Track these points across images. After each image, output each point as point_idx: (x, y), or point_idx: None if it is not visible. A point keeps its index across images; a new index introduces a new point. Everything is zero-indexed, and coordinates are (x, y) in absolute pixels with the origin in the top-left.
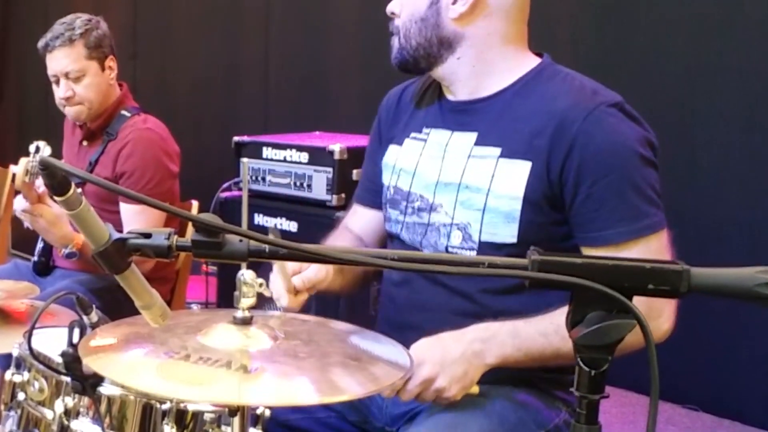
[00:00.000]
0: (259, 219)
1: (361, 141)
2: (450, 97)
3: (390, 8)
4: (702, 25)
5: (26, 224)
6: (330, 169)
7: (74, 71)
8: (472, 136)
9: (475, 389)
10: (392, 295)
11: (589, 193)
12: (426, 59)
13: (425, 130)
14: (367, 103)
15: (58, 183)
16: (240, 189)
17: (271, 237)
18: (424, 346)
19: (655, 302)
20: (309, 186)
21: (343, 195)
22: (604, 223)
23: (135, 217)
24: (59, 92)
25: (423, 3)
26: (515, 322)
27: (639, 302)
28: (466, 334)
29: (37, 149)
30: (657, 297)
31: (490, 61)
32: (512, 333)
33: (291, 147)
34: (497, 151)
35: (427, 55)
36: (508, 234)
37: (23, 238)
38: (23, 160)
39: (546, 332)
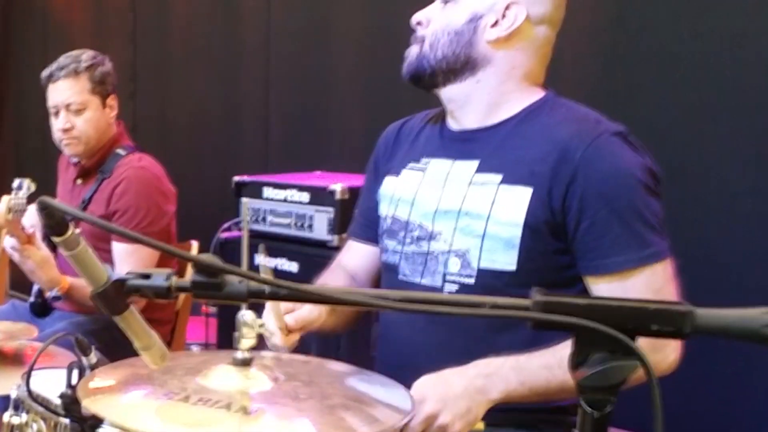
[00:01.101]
0: (260, 259)
1: (362, 181)
2: (452, 125)
3: (417, 17)
4: (710, 61)
5: (16, 260)
6: (331, 209)
7: (76, 103)
8: (474, 164)
9: (480, 425)
10: (391, 334)
11: (593, 221)
12: (445, 74)
13: (424, 160)
14: (368, 143)
15: (56, 223)
16: (240, 229)
17: (271, 277)
18: (426, 383)
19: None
20: (310, 226)
21: (344, 235)
22: (608, 251)
23: (127, 257)
24: (58, 124)
25: (462, 16)
26: (518, 357)
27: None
28: (469, 369)
29: (20, 186)
30: (661, 338)
31: (505, 92)
32: (515, 368)
33: (292, 187)
34: (498, 177)
35: (448, 69)
36: (508, 261)
37: (21, 279)
38: (5, 198)
39: (550, 366)
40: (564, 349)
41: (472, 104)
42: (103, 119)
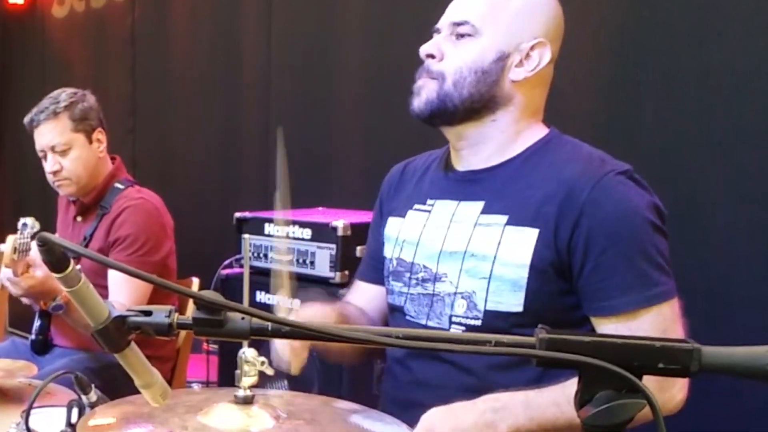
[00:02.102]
0: (261, 296)
1: (364, 217)
2: (457, 166)
3: (428, 50)
4: (715, 98)
5: (12, 291)
6: (333, 246)
7: (60, 144)
8: (479, 205)
9: None
10: (396, 372)
11: (599, 261)
12: (466, 112)
13: (429, 202)
14: (370, 179)
15: (56, 259)
16: (241, 266)
17: (273, 315)
18: (435, 416)
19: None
20: (312, 263)
21: (346, 272)
22: (613, 291)
23: (122, 284)
24: (47, 167)
25: (489, 55)
26: (527, 392)
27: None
28: (478, 403)
29: (24, 226)
30: (667, 376)
31: (518, 130)
32: (524, 403)
33: (293, 223)
34: (504, 218)
35: (471, 108)
36: (515, 302)
37: (21, 316)
38: (11, 238)
39: (558, 402)
40: (573, 386)
41: (485, 143)
42: (91, 156)
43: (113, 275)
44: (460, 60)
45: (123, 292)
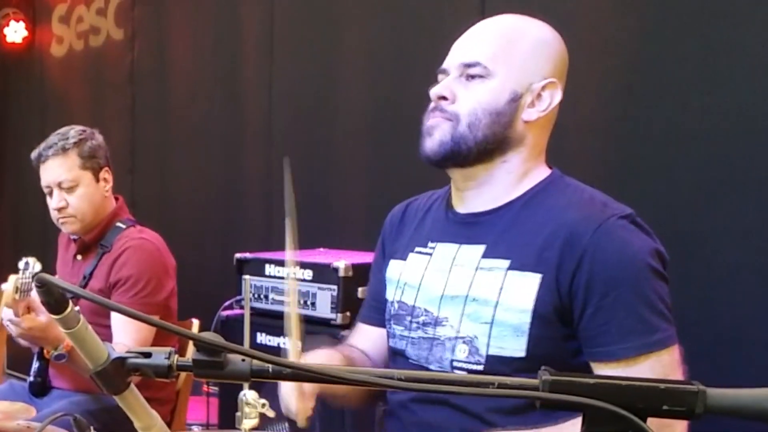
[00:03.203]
0: (262, 338)
1: (366, 258)
2: (458, 208)
3: (440, 92)
4: (717, 137)
5: (14, 334)
6: (335, 287)
7: (67, 181)
8: (480, 248)
9: None
10: (398, 415)
11: (599, 306)
12: (479, 154)
13: (431, 245)
14: (372, 219)
15: (55, 301)
16: (242, 307)
17: (274, 357)
18: None
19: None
20: (313, 304)
21: (348, 313)
22: (613, 337)
23: (126, 326)
24: (52, 203)
25: (503, 96)
26: None
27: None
28: None
29: (27, 265)
30: (672, 418)
31: (525, 171)
32: None
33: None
34: (506, 263)
35: (485, 150)
36: (517, 348)
37: (19, 358)
38: (12, 278)
39: None
40: (572, 427)
41: (491, 184)
42: (97, 194)
43: (116, 317)
44: (474, 101)
45: (127, 334)
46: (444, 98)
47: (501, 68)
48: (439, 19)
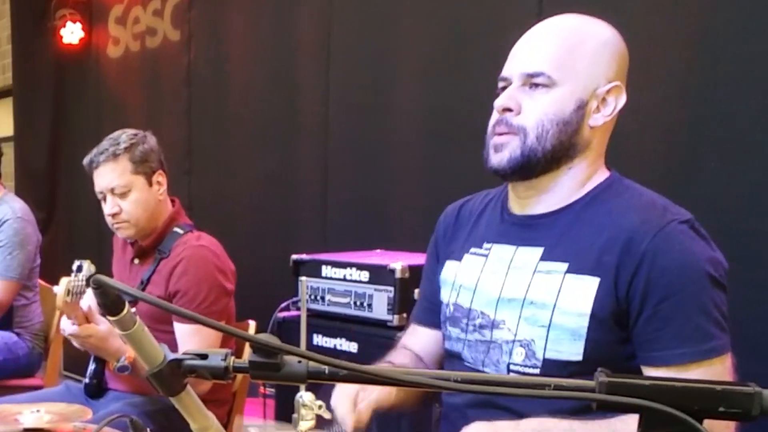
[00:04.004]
0: (318, 339)
1: (422, 259)
2: (516, 210)
3: (505, 104)
4: None
5: (76, 344)
6: (391, 289)
7: (120, 186)
8: (538, 251)
9: None
10: (453, 419)
11: (655, 311)
12: (547, 164)
13: (486, 246)
14: (428, 221)
15: (111, 302)
16: (298, 308)
17: (330, 358)
18: (477, 428)
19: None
20: (369, 305)
21: (404, 315)
22: (667, 343)
23: (190, 338)
24: (106, 209)
25: (569, 105)
26: (571, 422)
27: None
28: (521, 424)
29: (79, 268)
30: (728, 420)
31: (588, 175)
32: (568, 431)
33: (351, 265)
34: (564, 266)
35: (553, 159)
36: (574, 351)
37: (75, 360)
38: (64, 280)
39: None
40: (618, 424)
41: (554, 191)
42: (151, 198)
43: (179, 329)
44: (540, 112)
45: (192, 346)
46: (509, 110)
47: (566, 76)
48: (495, 19)
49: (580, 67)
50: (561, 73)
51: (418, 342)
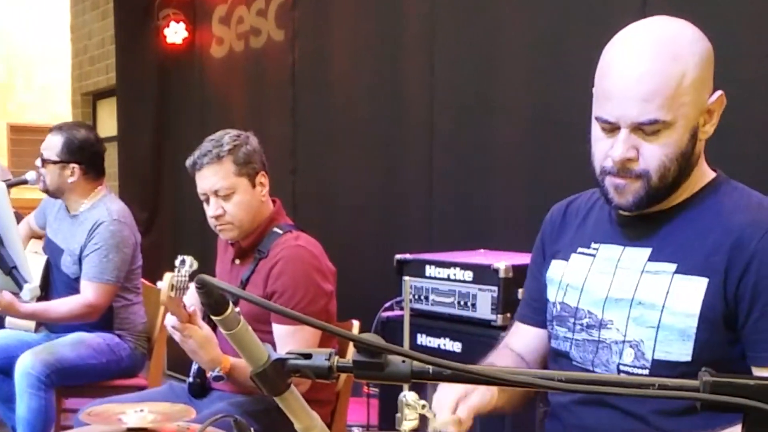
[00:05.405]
0: (422, 339)
1: (526, 259)
2: (623, 211)
3: (625, 155)
4: None
5: (176, 339)
6: (495, 288)
7: (223, 189)
8: (646, 251)
9: None
10: (561, 417)
11: (764, 311)
12: (671, 191)
13: (594, 245)
14: (532, 220)
15: (215, 302)
16: (402, 308)
17: (434, 358)
18: None
19: None
20: (473, 305)
21: (508, 315)
22: None
23: (289, 338)
24: (209, 210)
25: (684, 138)
26: None
27: None
28: None
29: (182, 263)
30: None
31: (696, 175)
32: None
33: (454, 265)
34: (672, 266)
35: (676, 186)
36: (683, 352)
37: (178, 360)
38: (168, 275)
39: None
40: None
41: (668, 198)
42: (254, 199)
43: (278, 330)
44: (660, 154)
45: (291, 346)
46: (631, 160)
47: (678, 113)
48: (598, 16)
49: (688, 99)
50: (674, 113)
51: (521, 340)
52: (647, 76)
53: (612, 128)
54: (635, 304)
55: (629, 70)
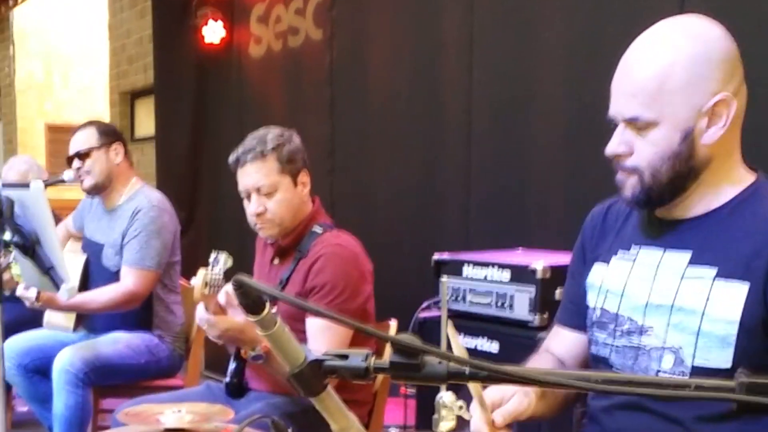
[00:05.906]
0: (459, 339)
1: (564, 259)
2: (661, 214)
3: (614, 150)
4: None
5: (210, 336)
6: (532, 288)
7: (266, 186)
8: (686, 255)
9: None
10: (600, 420)
11: None
12: (672, 192)
13: (633, 249)
14: (570, 220)
15: (252, 302)
16: (439, 308)
17: (471, 359)
18: None
19: None
20: (511, 306)
21: (546, 315)
22: None
23: (321, 333)
24: (250, 208)
25: (675, 139)
26: None
27: None
28: None
29: (216, 260)
30: None
31: (721, 180)
32: None
33: (492, 265)
34: (713, 271)
35: (675, 187)
36: (723, 359)
37: (216, 360)
38: (201, 271)
39: None
40: None
41: (693, 200)
42: (296, 198)
43: (311, 324)
44: (650, 152)
45: (323, 341)
46: (622, 155)
47: (664, 111)
48: (636, 17)
49: (675, 99)
50: (657, 113)
51: (561, 344)
52: (635, 72)
53: (616, 123)
54: (675, 311)
55: (624, 66)
